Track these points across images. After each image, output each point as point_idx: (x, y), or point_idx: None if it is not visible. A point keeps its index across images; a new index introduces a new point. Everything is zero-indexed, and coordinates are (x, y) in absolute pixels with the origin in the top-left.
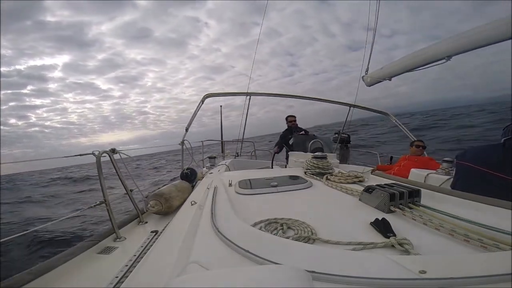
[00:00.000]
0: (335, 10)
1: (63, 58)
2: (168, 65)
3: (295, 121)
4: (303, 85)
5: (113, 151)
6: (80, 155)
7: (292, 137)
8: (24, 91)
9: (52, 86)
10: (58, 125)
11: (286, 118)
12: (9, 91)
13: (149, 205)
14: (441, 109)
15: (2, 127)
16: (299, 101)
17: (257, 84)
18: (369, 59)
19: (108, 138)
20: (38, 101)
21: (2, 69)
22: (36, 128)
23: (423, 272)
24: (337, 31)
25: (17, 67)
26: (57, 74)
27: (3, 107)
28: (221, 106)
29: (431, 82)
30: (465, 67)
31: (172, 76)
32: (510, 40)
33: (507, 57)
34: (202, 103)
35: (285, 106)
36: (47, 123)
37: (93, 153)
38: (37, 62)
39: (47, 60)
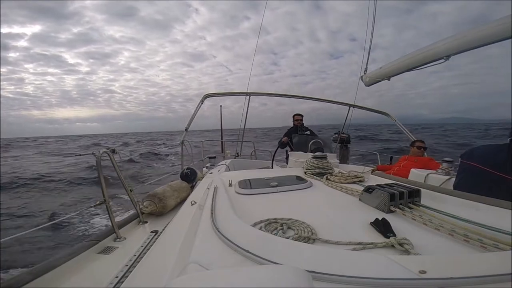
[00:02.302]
0: (327, 17)
1: (34, 28)
2: (146, 46)
3: (301, 120)
4: (280, 84)
5: (113, 151)
6: (80, 155)
7: (295, 136)
8: None
9: (13, 55)
10: (10, 95)
11: (293, 117)
12: None
13: (142, 206)
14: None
15: None
16: (272, 100)
17: (236, 77)
18: (368, 59)
19: (65, 114)
20: None
21: None
22: None
23: (423, 272)
24: (323, 37)
25: None
26: (22, 43)
27: None
28: (221, 106)
29: (395, 98)
30: (426, 87)
31: (148, 57)
32: (508, 40)
33: (465, 81)
34: (202, 103)
35: (259, 103)
36: None
37: (93, 153)
38: (5, 29)
39: (15, 29)
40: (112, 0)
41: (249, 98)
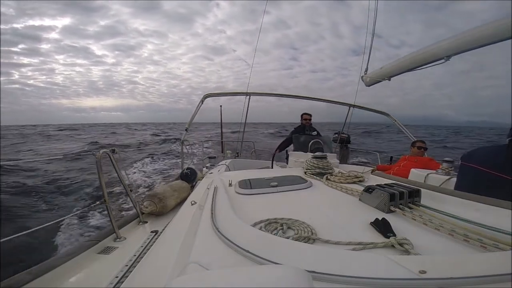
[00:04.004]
0: (350, 11)
1: (64, 21)
2: (169, 39)
3: (310, 119)
4: (299, 80)
5: (113, 151)
6: (80, 155)
7: (301, 136)
8: (14, 49)
9: (45, 46)
10: (41, 85)
11: (301, 116)
12: None
13: (143, 206)
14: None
15: None
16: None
17: (254, 72)
18: (369, 59)
19: (91, 103)
20: (26, 60)
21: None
22: (17, 86)
23: (423, 272)
24: (346, 33)
25: (14, 25)
26: (53, 35)
27: None
28: (221, 106)
29: (421, 98)
30: (454, 88)
31: (170, 50)
32: (508, 40)
33: (495, 83)
34: (202, 103)
35: (276, 98)
36: (30, 81)
37: (93, 153)
38: (36, 22)
39: (46, 21)
40: None
41: (249, 98)
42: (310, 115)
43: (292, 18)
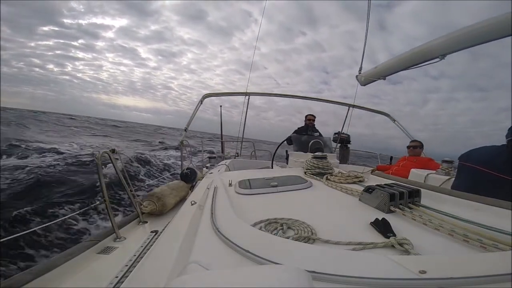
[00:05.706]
0: (390, 38)
1: (121, 22)
2: (208, 50)
3: (313, 120)
4: (327, 105)
5: (113, 151)
6: (80, 155)
7: (303, 136)
8: (75, 43)
9: (100, 44)
10: (88, 79)
11: (306, 116)
12: (61, 41)
13: (142, 205)
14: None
15: (37, 69)
16: (319, 118)
17: (282, 91)
18: (362, 57)
19: (126, 101)
20: (81, 54)
21: (66, 20)
22: (67, 77)
23: (423, 272)
24: (384, 60)
25: (80, 21)
26: (109, 34)
27: (49, 53)
28: (220, 106)
29: (454, 134)
30: (495, 125)
31: (207, 61)
32: (505, 38)
33: None
34: (201, 103)
35: (300, 120)
36: (79, 74)
37: (93, 154)
38: (99, 20)
39: (107, 20)
40: (188, 0)
41: (249, 98)
42: (314, 116)
43: (328, 42)
